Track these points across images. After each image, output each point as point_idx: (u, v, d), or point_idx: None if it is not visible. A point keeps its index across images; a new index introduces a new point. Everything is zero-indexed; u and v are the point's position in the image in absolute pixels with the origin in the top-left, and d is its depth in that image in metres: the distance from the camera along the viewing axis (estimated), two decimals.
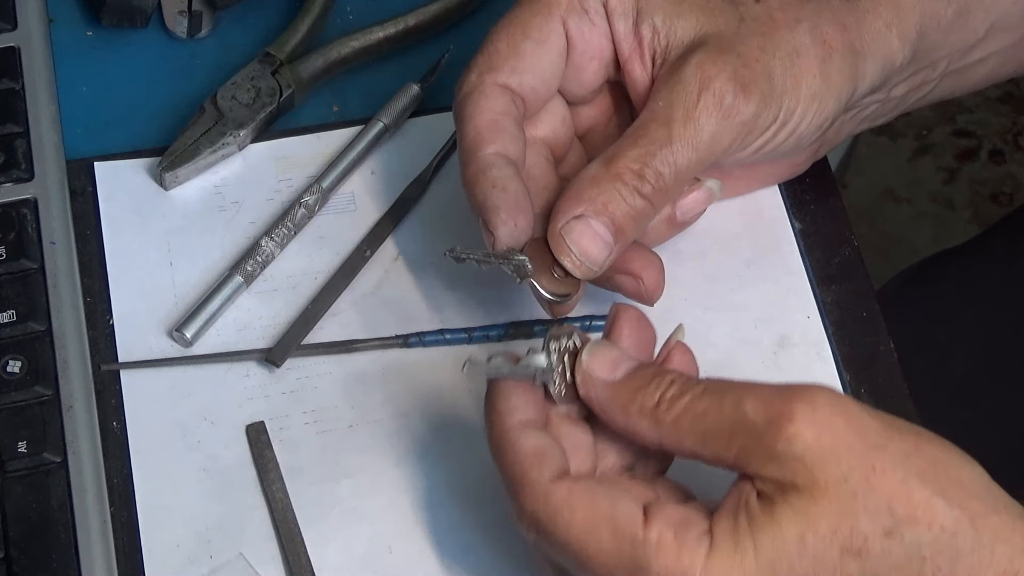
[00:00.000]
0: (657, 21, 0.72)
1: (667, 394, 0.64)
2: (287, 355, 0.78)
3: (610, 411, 0.65)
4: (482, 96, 0.72)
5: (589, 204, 0.70)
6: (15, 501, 0.73)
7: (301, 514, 0.75)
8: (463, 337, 0.79)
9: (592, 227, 0.69)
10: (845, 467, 0.60)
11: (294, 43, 0.85)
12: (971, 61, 0.80)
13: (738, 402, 0.62)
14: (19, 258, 0.78)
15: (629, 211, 0.70)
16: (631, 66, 0.73)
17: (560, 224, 0.70)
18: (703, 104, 0.70)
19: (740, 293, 0.81)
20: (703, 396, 0.63)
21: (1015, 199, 1.91)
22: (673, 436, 0.64)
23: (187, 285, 0.80)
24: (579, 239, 0.69)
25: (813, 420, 0.61)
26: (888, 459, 0.60)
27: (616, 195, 0.70)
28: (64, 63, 0.86)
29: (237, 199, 0.83)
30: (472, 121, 0.72)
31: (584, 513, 0.63)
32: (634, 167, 0.70)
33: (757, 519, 0.61)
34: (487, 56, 0.73)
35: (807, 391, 0.61)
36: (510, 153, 0.72)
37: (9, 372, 0.75)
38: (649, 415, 0.64)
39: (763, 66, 0.71)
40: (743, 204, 0.83)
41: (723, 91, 0.70)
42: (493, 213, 0.70)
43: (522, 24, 0.73)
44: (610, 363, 0.66)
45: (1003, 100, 1.96)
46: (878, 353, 0.80)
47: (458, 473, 0.76)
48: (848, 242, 0.83)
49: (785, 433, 0.60)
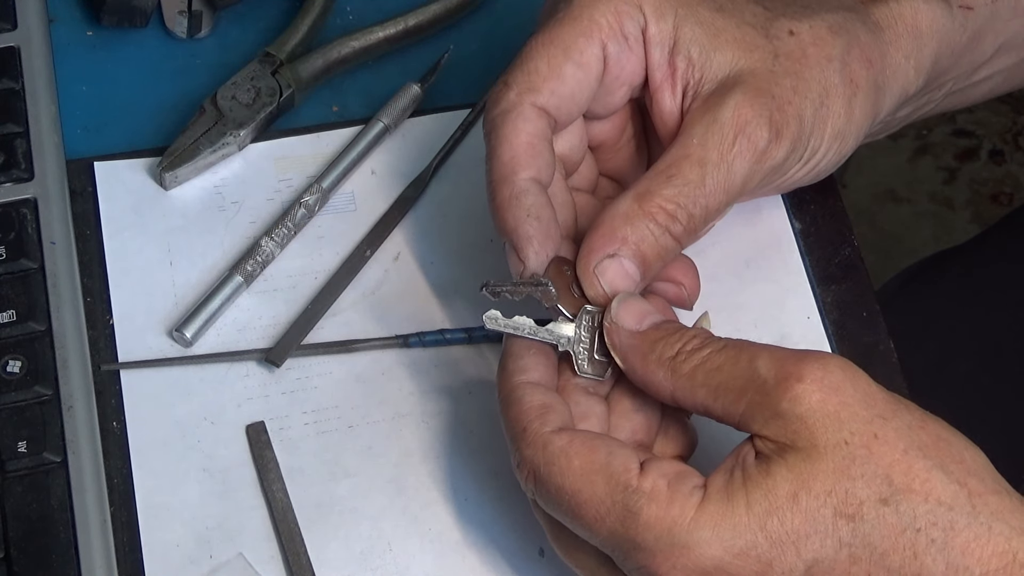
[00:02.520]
0: (694, 53, 0.72)
1: (687, 347, 0.66)
2: (287, 355, 0.78)
3: (631, 357, 0.67)
4: (520, 117, 0.71)
5: (622, 243, 0.69)
6: (15, 501, 0.73)
7: (301, 514, 0.75)
8: (463, 337, 0.79)
9: (624, 266, 0.70)
10: (847, 432, 0.61)
11: (294, 43, 0.85)
12: (975, 80, 0.81)
13: (753, 358, 0.63)
14: (19, 258, 0.78)
15: (658, 250, 0.70)
16: (661, 94, 0.73)
17: (594, 263, 0.70)
18: (738, 148, 0.70)
19: (740, 293, 0.81)
20: (721, 351, 0.65)
21: (1015, 199, 1.91)
22: (687, 387, 0.65)
23: (187, 285, 0.80)
24: (612, 278, 0.70)
25: (822, 382, 0.62)
26: (892, 429, 0.61)
27: (648, 235, 0.70)
28: (64, 63, 0.86)
29: (237, 199, 0.83)
30: (509, 143, 0.71)
31: (581, 461, 0.64)
32: (668, 207, 0.70)
33: (752, 475, 0.62)
34: (527, 75, 0.71)
35: (821, 356, 0.63)
36: (543, 179, 0.71)
37: (9, 372, 0.75)
38: (667, 364, 0.66)
39: (795, 108, 0.71)
40: (743, 204, 0.83)
41: (758, 137, 0.70)
42: (527, 242, 0.70)
43: (564, 45, 0.71)
44: (638, 313, 0.68)
45: (1003, 100, 1.95)
46: (878, 353, 0.80)
47: (458, 473, 0.76)
48: (848, 242, 0.83)
49: (792, 392, 0.62)
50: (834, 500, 0.61)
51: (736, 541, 0.61)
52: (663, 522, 0.62)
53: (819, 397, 0.62)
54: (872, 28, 0.74)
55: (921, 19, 0.75)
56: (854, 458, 0.61)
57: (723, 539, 0.61)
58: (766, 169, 0.71)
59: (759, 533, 0.61)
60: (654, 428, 0.69)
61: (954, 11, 0.76)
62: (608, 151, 0.77)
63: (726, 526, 0.61)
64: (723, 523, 0.61)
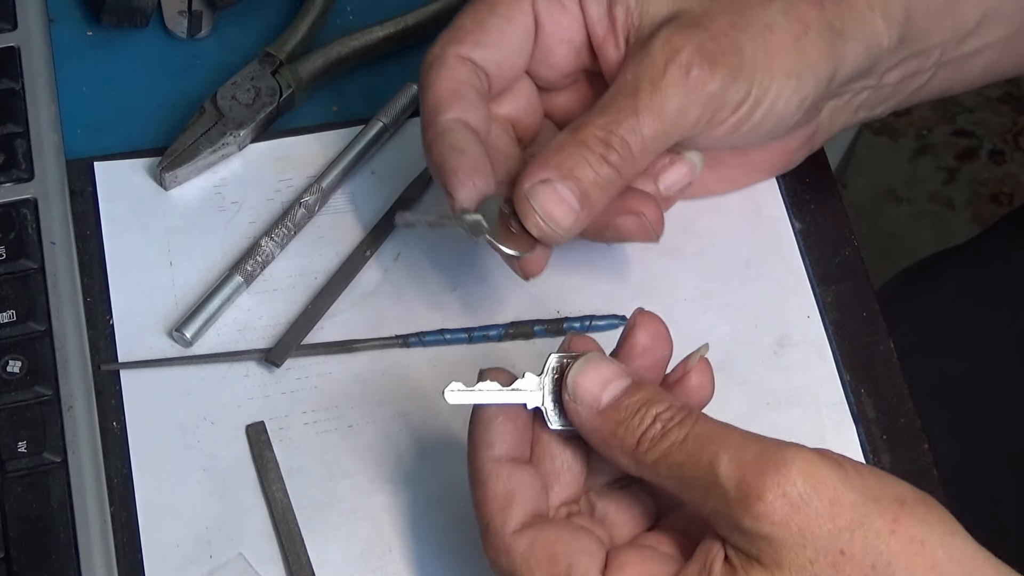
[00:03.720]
0: (631, 2, 0.73)
1: (648, 434, 0.63)
2: (287, 355, 0.78)
3: (593, 440, 0.65)
4: (443, 66, 0.73)
5: (555, 169, 0.69)
6: (15, 501, 0.73)
7: (301, 514, 0.75)
8: (463, 337, 0.79)
9: (558, 191, 0.69)
10: (812, 551, 0.59)
11: (294, 43, 0.85)
12: (966, 51, 0.80)
13: (713, 462, 0.60)
14: (19, 258, 0.78)
15: (596, 178, 0.70)
16: (605, 49, 0.74)
17: (526, 186, 0.70)
18: (669, 76, 0.70)
19: (740, 293, 0.81)
20: (682, 446, 0.62)
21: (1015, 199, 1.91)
22: (652, 476, 0.63)
23: (187, 285, 0.80)
24: (545, 203, 0.69)
25: (785, 498, 0.59)
26: (859, 542, 0.59)
27: (582, 161, 0.70)
28: (64, 63, 0.86)
29: (237, 199, 0.83)
30: (432, 88, 0.73)
31: (541, 574, 0.62)
32: (600, 135, 0.70)
33: None
34: (452, 30, 0.74)
35: (784, 460, 0.59)
36: (470, 120, 0.72)
37: (9, 372, 0.75)
38: (629, 453, 0.63)
39: (732, 41, 0.71)
40: (743, 204, 0.83)
41: (689, 63, 0.70)
42: (451, 174, 0.70)
43: (490, 2, 0.74)
44: (598, 383, 0.64)
45: (1003, 100, 1.96)
46: (878, 353, 0.80)
47: (458, 472, 0.76)
48: (848, 242, 0.83)
49: (754, 510, 0.59)
50: None
51: None
52: None
53: (781, 515, 0.59)
54: None
55: None
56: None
57: None
58: (703, 99, 0.71)
59: None
60: None
61: None
62: None
63: None
64: None
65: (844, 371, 0.80)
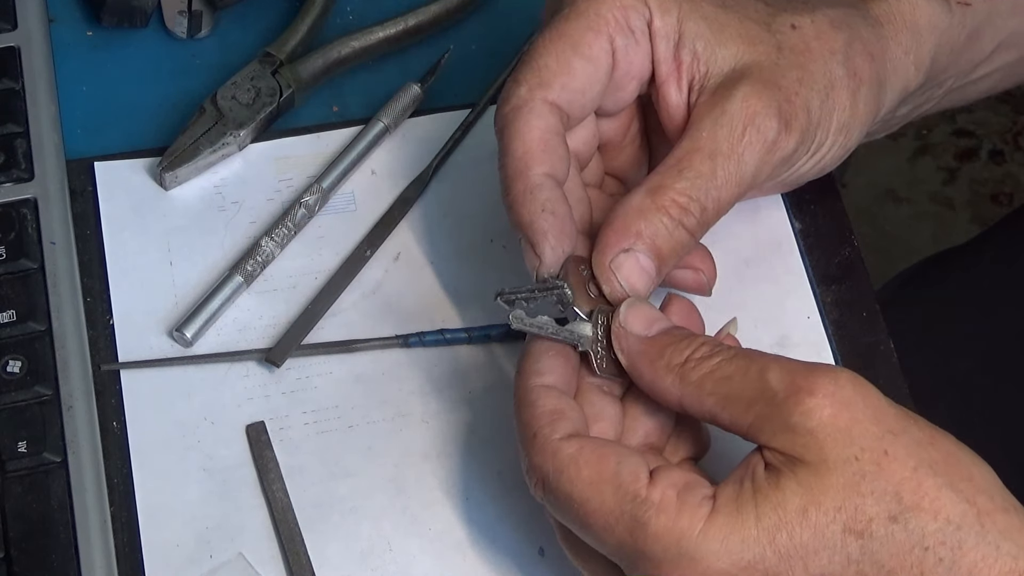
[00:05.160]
0: (699, 47, 0.72)
1: (696, 354, 0.65)
2: (287, 355, 0.78)
3: (639, 363, 0.67)
4: (532, 113, 0.71)
5: (637, 238, 0.69)
6: (15, 501, 0.73)
7: (301, 514, 0.75)
8: (463, 337, 0.79)
9: (640, 261, 0.69)
10: (857, 448, 0.61)
11: (294, 43, 0.85)
12: (975, 78, 0.81)
13: (764, 369, 0.63)
14: (19, 258, 0.78)
15: (673, 244, 0.70)
16: (667, 88, 0.73)
17: (609, 258, 0.69)
18: (748, 139, 0.70)
19: (740, 293, 0.81)
20: (731, 361, 0.64)
21: (1015, 199, 1.91)
22: (695, 395, 0.65)
23: (187, 285, 0.80)
24: (628, 274, 0.69)
25: (833, 397, 0.61)
26: (902, 446, 0.61)
27: (663, 229, 0.69)
28: (64, 63, 0.86)
29: (237, 199, 0.83)
30: (521, 138, 0.70)
31: (590, 470, 0.63)
32: (680, 200, 0.70)
33: (762, 488, 0.61)
34: (536, 71, 0.71)
35: (832, 370, 0.62)
36: (558, 174, 0.71)
37: (9, 372, 0.75)
38: (675, 371, 0.65)
39: (803, 100, 0.71)
40: (743, 204, 0.83)
41: (768, 127, 0.70)
42: (542, 237, 0.69)
43: (572, 40, 0.71)
44: (646, 319, 0.68)
45: (1003, 100, 1.96)
46: (878, 353, 0.80)
47: (458, 472, 0.76)
48: (848, 242, 0.83)
49: (803, 405, 0.61)
50: (844, 516, 0.60)
51: (744, 554, 0.61)
52: (671, 533, 0.61)
53: (830, 412, 0.61)
54: (872, 23, 0.74)
55: (920, 15, 0.75)
56: (864, 474, 0.60)
57: (731, 552, 0.61)
58: (776, 161, 0.71)
59: (767, 547, 0.61)
60: (667, 430, 0.69)
61: (952, 8, 0.76)
62: (613, 150, 0.77)
63: (735, 539, 0.61)
64: (732, 536, 0.61)
65: None
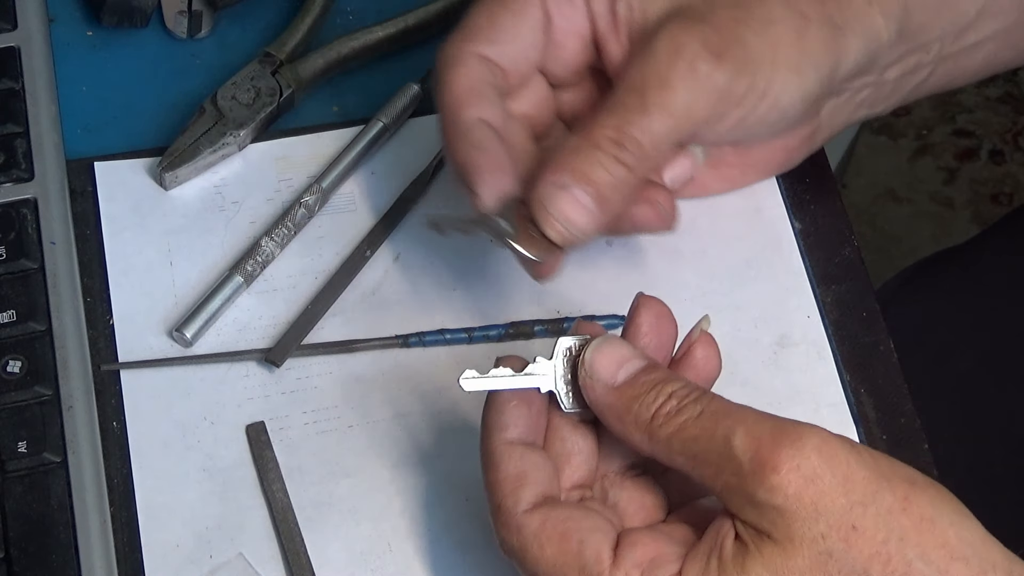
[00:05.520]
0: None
1: (663, 409, 0.63)
2: (287, 355, 0.78)
3: (607, 416, 0.65)
4: (461, 64, 0.73)
5: (570, 172, 0.69)
6: (15, 501, 0.73)
7: (301, 514, 0.75)
8: (463, 337, 0.79)
9: (575, 195, 0.69)
10: (824, 525, 0.59)
11: (294, 43, 0.85)
12: (966, 44, 0.80)
13: (728, 436, 0.61)
14: (19, 258, 0.78)
15: (610, 179, 0.70)
16: (608, 45, 0.74)
17: (541, 191, 0.69)
18: (675, 71, 0.70)
19: (740, 293, 0.81)
20: (697, 420, 0.62)
21: (1015, 199, 1.91)
22: (664, 452, 0.63)
23: (187, 285, 0.80)
24: (563, 207, 0.69)
25: (799, 471, 0.59)
26: (871, 518, 0.59)
27: (596, 163, 0.69)
28: (64, 63, 0.86)
29: (237, 199, 0.83)
30: (451, 86, 0.73)
31: (552, 551, 0.63)
32: (611, 135, 0.70)
33: (727, 569, 0.60)
34: (465, 28, 0.74)
35: (799, 435, 0.60)
36: (490, 118, 0.72)
37: (9, 372, 0.75)
38: (644, 428, 0.63)
39: (735, 34, 0.71)
40: (743, 204, 0.83)
41: (695, 57, 0.70)
42: (476, 172, 0.70)
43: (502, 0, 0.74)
44: (615, 362, 0.65)
45: (1003, 100, 1.96)
46: (878, 353, 0.80)
47: (457, 472, 0.76)
48: (848, 242, 0.83)
49: (768, 482, 0.59)
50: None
51: None
52: None
53: (795, 488, 0.59)
54: None
55: None
56: (831, 553, 0.59)
57: None
58: (710, 92, 0.71)
59: None
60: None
61: None
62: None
63: None
64: None
65: (844, 371, 0.80)
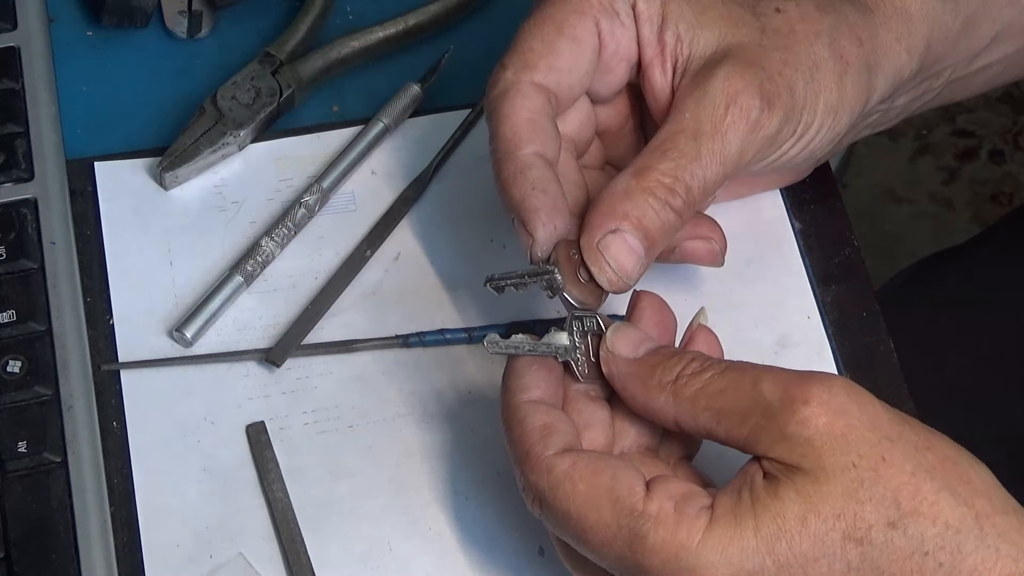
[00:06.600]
0: (681, 29, 0.72)
1: (687, 370, 0.65)
2: (287, 355, 0.78)
3: (630, 386, 0.66)
4: (519, 94, 0.71)
5: (624, 219, 0.69)
6: (15, 501, 0.73)
7: (301, 514, 0.75)
8: (463, 337, 0.79)
9: (628, 242, 0.69)
10: (854, 454, 0.61)
11: (294, 43, 0.85)
12: (974, 69, 0.81)
13: (756, 381, 0.63)
14: (19, 258, 0.78)
15: (661, 225, 0.70)
16: (651, 71, 0.73)
17: (596, 239, 0.69)
18: (731, 118, 0.70)
19: (740, 293, 0.81)
20: (723, 374, 0.64)
21: (1015, 199, 1.91)
22: (689, 412, 0.64)
23: (187, 285, 0.80)
24: (616, 254, 0.69)
25: (828, 405, 0.61)
26: (899, 451, 0.61)
27: (649, 209, 0.69)
28: (64, 63, 0.86)
29: (237, 199, 0.83)
30: (509, 120, 0.71)
31: (585, 486, 0.63)
32: (665, 181, 0.70)
33: (760, 497, 0.61)
34: (521, 54, 0.72)
35: (826, 377, 0.62)
36: (547, 153, 0.71)
37: (9, 372, 0.75)
38: (668, 389, 0.65)
39: (786, 80, 0.71)
40: (743, 204, 0.83)
41: (750, 106, 0.70)
42: (534, 215, 0.69)
43: (556, 22, 0.72)
44: (633, 342, 0.67)
45: (1003, 100, 1.96)
46: (878, 353, 0.80)
47: (458, 473, 0.76)
48: (848, 242, 0.83)
49: (798, 415, 0.61)
50: (843, 523, 0.60)
51: (744, 564, 0.61)
52: (670, 546, 0.61)
53: (826, 420, 0.61)
54: (860, 8, 0.74)
55: (911, 2, 0.75)
56: (862, 481, 0.60)
57: (731, 562, 0.61)
58: (759, 140, 0.71)
59: (767, 557, 0.61)
60: (659, 430, 0.69)
61: None
62: (611, 138, 0.77)
63: (734, 550, 0.61)
64: (731, 546, 0.61)
65: (844, 371, 0.80)
